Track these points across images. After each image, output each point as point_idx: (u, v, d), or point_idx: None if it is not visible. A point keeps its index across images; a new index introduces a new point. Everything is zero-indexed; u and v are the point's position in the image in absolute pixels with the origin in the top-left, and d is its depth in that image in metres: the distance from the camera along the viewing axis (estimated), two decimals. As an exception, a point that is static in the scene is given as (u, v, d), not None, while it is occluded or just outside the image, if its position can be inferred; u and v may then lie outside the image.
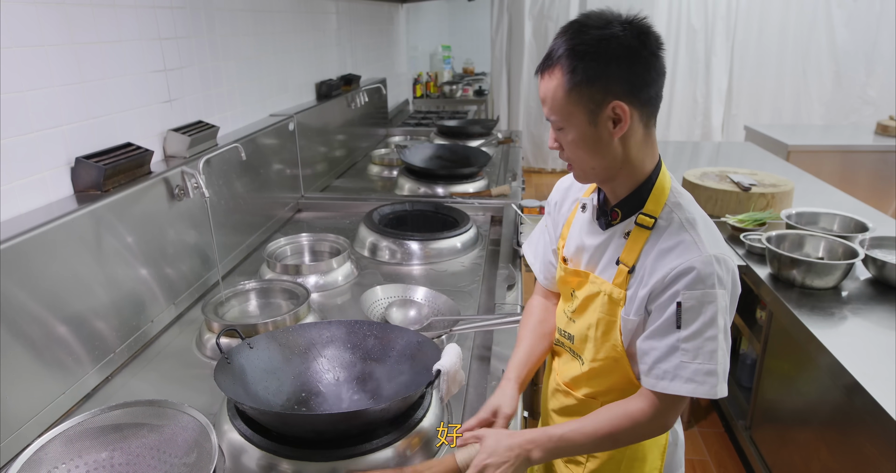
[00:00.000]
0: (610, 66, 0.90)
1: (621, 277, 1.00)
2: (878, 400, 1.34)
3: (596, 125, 0.93)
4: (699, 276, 0.91)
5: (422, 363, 1.13)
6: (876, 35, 5.47)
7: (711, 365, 0.92)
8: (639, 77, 0.92)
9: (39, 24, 1.19)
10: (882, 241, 2.01)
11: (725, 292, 0.93)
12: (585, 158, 0.97)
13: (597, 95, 0.91)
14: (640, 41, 0.90)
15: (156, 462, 0.96)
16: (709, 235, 0.96)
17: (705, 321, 0.92)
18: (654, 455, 1.14)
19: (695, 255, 0.92)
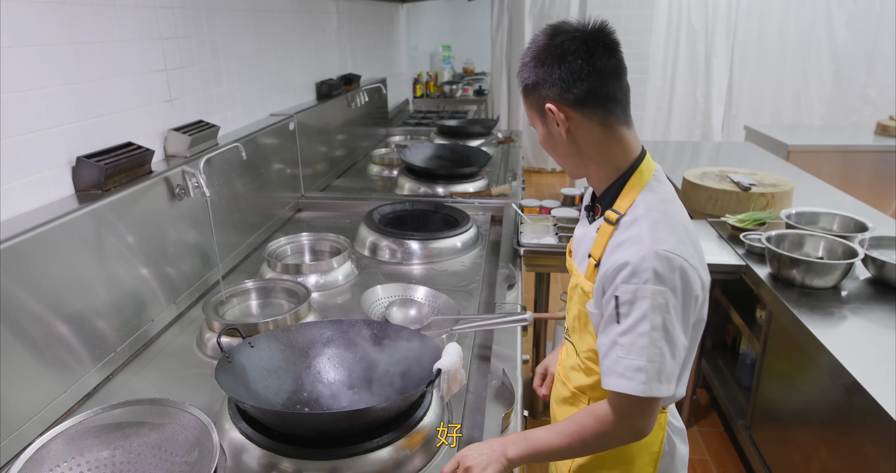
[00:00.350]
0: (542, 70, 0.98)
1: (590, 270, 1.03)
2: (877, 400, 1.34)
3: (547, 125, 1.02)
4: (633, 270, 0.92)
5: (422, 362, 1.13)
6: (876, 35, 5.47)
7: (641, 361, 0.92)
8: (566, 79, 0.96)
9: (41, 24, 1.19)
10: (882, 241, 2.02)
11: (666, 290, 0.91)
12: (552, 154, 1.06)
13: (539, 99, 1.00)
14: (577, 45, 0.96)
15: (157, 460, 0.97)
16: (660, 231, 0.95)
17: (638, 316, 0.92)
18: (643, 460, 1.13)
19: (635, 249, 0.93)
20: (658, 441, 1.13)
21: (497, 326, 1.40)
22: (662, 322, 0.92)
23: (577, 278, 1.08)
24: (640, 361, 0.92)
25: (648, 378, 0.91)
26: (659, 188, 1.02)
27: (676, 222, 0.98)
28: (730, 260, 2.09)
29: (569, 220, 2.34)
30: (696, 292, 0.95)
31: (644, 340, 0.92)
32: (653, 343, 0.91)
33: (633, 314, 0.92)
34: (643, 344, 0.92)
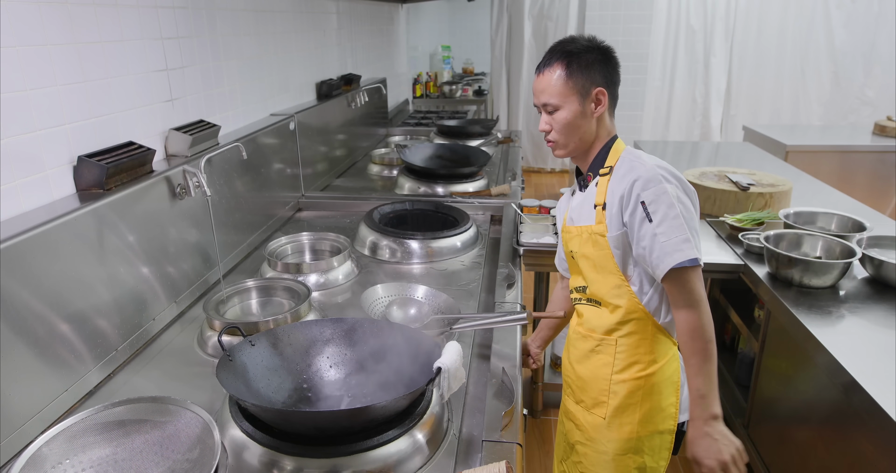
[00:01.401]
0: (594, 64, 1.28)
1: (599, 215, 1.29)
2: (875, 399, 1.35)
3: (583, 105, 1.29)
4: (648, 179, 1.21)
5: (422, 360, 1.14)
6: (874, 36, 5.48)
7: (685, 234, 1.18)
8: (610, 75, 1.31)
9: (42, 24, 1.19)
10: (879, 240, 2.02)
11: (676, 186, 1.22)
12: (571, 133, 1.31)
13: (586, 83, 1.28)
14: (609, 55, 1.31)
15: (158, 457, 0.97)
16: (651, 160, 1.26)
17: (665, 208, 1.19)
18: (669, 390, 1.33)
19: (640, 169, 1.23)
20: (677, 372, 1.34)
21: (497, 325, 1.40)
22: (681, 210, 1.20)
23: (588, 230, 1.32)
24: (683, 235, 1.18)
25: (695, 245, 1.19)
26: (633, 150, 1.31)
27: (657, 159, 1.28)
28: (728, 260, 2.10)
29: (568, 220, 2.35)
30: (691, 190, 1.25)
31: (678, 221, 1.19)
32: (685, 222, 1.19)
33: (660, 209, 1.19)
34: (678, 224, 1.18)
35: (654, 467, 1.36)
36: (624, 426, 1.35)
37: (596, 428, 1.38)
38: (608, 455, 1.37)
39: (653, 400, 1.33)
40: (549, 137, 1.33)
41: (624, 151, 1.31)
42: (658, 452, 1.35)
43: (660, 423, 1.34)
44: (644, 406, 1.33)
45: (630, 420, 1.34)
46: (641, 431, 1.34)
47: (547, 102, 1.29)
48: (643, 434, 1.34)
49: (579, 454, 1.44)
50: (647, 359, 1.32)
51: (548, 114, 1.31)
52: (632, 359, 1.33)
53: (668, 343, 1.33)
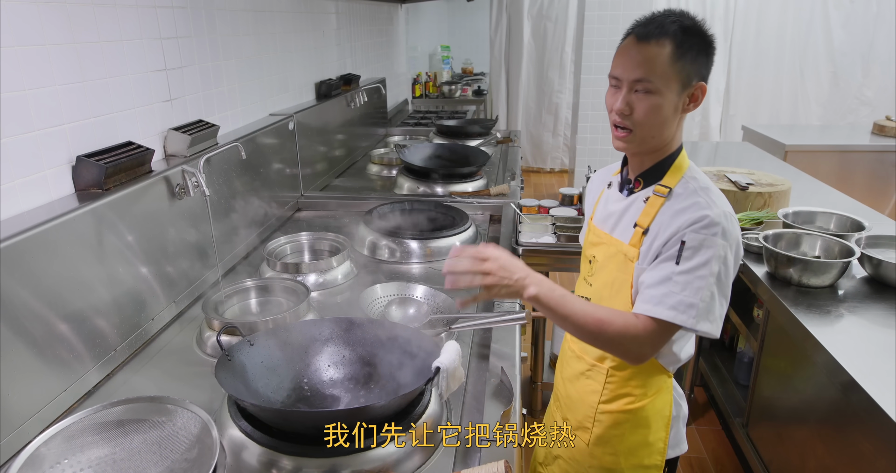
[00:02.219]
0: (702, 52, 1.07)
1: (636, 237, 1.14)
2: (874, 398, 1.35)
3: (680, 96, 1.08)
4: (709, 222, 1.04)
5: (421, 360, 1.14)
6: (873, 36, 5.48)
7: (695, 300, 1.03)
8: (710, 69, 1.10)
9: (41, 24, 1.19)
10: (878, 240, 2.02)
11: (727, 245, 1.04)
12: (656, 125, 1.09)
13: (691, 73, 1.07)
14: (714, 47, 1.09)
15: (157, 457, 0.97)
16: (721, 200, 1.10)
17: (701, 261, 1.03)
18: (658, 424, 1.24)
19: (707, 210, 1.05)
20: (668, 406, 1.25)
21: (495, 324, 1.40)
22: (719, 271, 1.04)
23: (618, 246, 1.17)
24: (694, 299, 1.03)
25: (699, 314, 1.03)
26: (696, 170, 1.16)
27: (726, 199, 1.12)
28: (727, 259, 2.10)
29: (567, 219, 2.35)
30: (741, 253, 1.10)
31: (702, 282, 1.03)
32: (708, 286, 1.03)
33: (695, 258, 1.03)
34: (700, 285, 1.03)
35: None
36: (606, 455, 1.27)
37: (578, 452, 1.31)
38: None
39: (639, 434, 1.24)
40: (623, 120, 1.09)
41: (688, 171, 1.13)
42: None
43: (645, 457, 1.25)
44: (629, 439, 1.25)
45: (612, 450, 1.26)
46: (624, 463, 1.26)
47: (643, 78, 1.05)
48: (626, 466, 1.26)
49: (560, 468, 1.38)
50: (638, 392, 1.23)
51: (636, 92, 1.07)
52: (621, 391, 1.24)
53: (663, 377, 1.24)
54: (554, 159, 6.68)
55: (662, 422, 1.24)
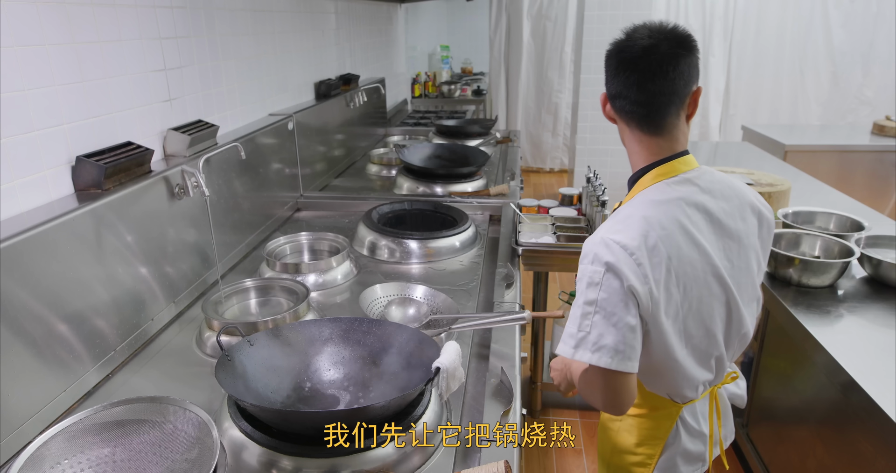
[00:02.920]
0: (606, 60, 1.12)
1: None
2: (874, 398, 1.35)
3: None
4: (584, 253, 1.06)
5: (421, 360, 1.14)
6: (873, 36, 5.49)
7: (573, 329, 1.04)
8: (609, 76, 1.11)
9: (40, 24, 1.19)
10: (878, 240, 2.03)
11: (596, 270, 1.02)
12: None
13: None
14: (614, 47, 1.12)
15: (157, 457, 0.97)
16: (620, 223, 1.05)
17: (580, 290, 1.04)
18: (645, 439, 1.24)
19: (592, 237, 1.06)
20: (664, 430, 1.22)
21: (495, 325, 1.40)
22: (597, 298, 1.01)
23: None
24: (572, 328, 1.03)
25: (577, 344, 1.02)
26: (663, 190, 1.08)
27: (640, 219, 1.04)
28: (727, 259, 2.10)
29: (567, 219, 2.35)
30: (631, 281, 0.99)
31: (578, 311, 1.03)
32: (584, 315, 1.02)
33: (578, 289, 1.05)
34: (577, 314, 1.03)
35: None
36: (604, 442, 1.34)
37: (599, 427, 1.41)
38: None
39: (627, 438, 1.26)
40: None
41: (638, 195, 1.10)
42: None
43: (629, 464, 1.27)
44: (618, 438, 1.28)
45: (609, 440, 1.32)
46: (614, 459, 1.30)
47: None
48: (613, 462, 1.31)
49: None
50: (639, 403, 1.24)
51: None
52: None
53: (666, 403, 1.21)
54: (553, 159, 6.68)
55: (651, 441, 1.24)
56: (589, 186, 2.35)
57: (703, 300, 1.08)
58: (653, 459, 1.24)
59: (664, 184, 1.09)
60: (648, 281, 1.01)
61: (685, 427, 1.23)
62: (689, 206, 1.07)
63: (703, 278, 1.07)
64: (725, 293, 1.10)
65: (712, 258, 1.07)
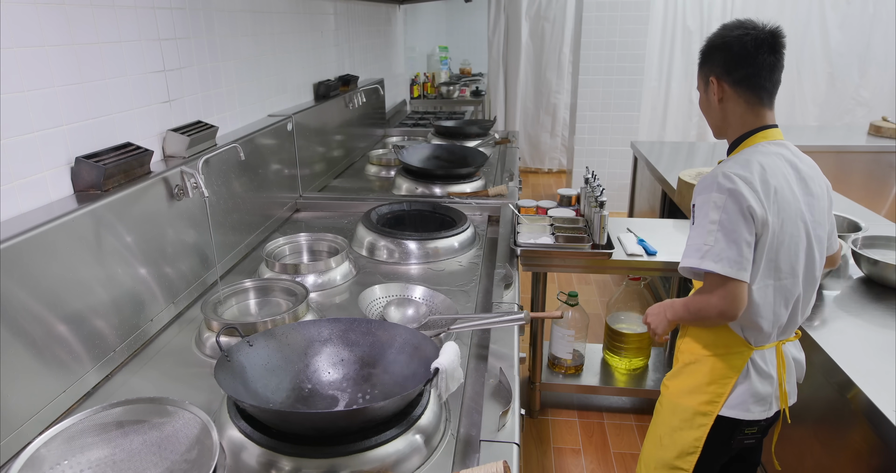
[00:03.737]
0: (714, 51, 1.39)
1: None
2: (871, 398, 1.36)
3: (706, 92, 1.42)
4: (704, 185, 1.29)
5: (420, 361, 1.14)
6: (869, 37, 5.50)
7: (699, 243, 1.27)
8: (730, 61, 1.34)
9: (40, 25, 1.20)
10: (875, 240, 2.03)
11: (721, 196, 1.26)
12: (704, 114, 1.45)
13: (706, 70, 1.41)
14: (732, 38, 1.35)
15: (157, 458, 0.97)
16: (734, 162, 1.30)
17: (702, 214, 1.28)
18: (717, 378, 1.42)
19: (706, 177, 1.30)
20: (735, 369, 1.41)
21: (494, 325, 1.40)
22: (720, 219, 1.25)
23: None
24: (698, 242, 1.27)
25: (702, 255, 1.26)
26: (767, 147, 1.35)
27: (755, 161, 1.30)
28: (725, 260, 2.10)
29: (565, 220, 2.35)
30: (750, 202, 1.25)
31: (703, 229, 1.27)
32: (709, 232, 1.25)
33: (699, 214, 1.29)
34: (702, 232, 1.27)
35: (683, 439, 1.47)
36: (676, 386, 1.50)
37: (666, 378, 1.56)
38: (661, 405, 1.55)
39: (698, 378, 1.44)
40: None
41: (741, 152, 1.36)
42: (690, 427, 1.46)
43: (699, 399, 1.44)
44: (694, 378, 1.45)
45: (680, 383, 1.48)
46: (685, 400, 1.46)
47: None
48: (683, 402, 1.46)
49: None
50: (710, 342, 1.43)
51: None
52: (706, 340, 1.44)
53: (738, 343, 1.40)
54: (552, 160, 6.69)
55: (723, 380, 1.41)
56: (587, 186, 2.36)
57: (792, 237, 1.31)
58: (721, 397, 1.41)
59: (767, 143, 1.36)
60: (762, 205, 1.26)
61: (755, 367, 1.41)
62: (786, 162, 1.35)
63: (794, 218, 1.31)
64: (807, 238, 1.33)
65: (801, 205, 1.33)
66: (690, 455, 1.47)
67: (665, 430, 1.52)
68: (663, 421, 1.53)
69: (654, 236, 2.37)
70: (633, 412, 2.70)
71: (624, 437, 2.55)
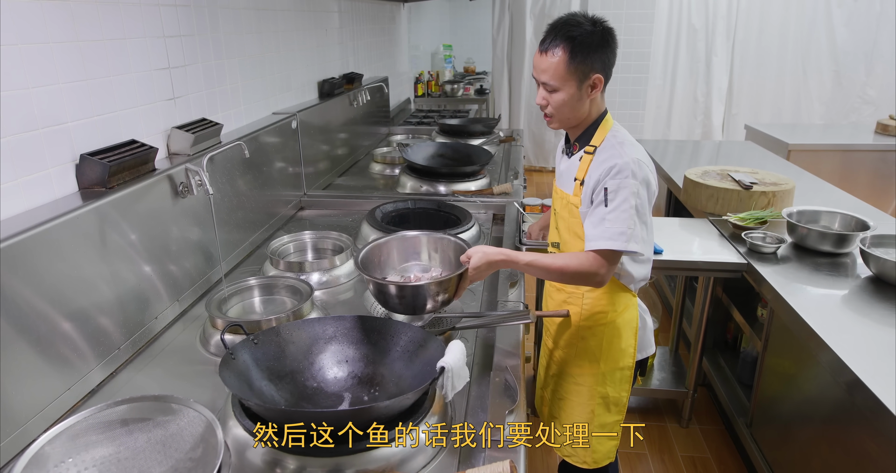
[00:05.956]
0: (596, 50, 1.34)
1: (577, 188, 1.44)
2: (879, 397, 1.34)
3: (580, 89, 1.38)
4: (618, 170, 1.34)
5: (425, 359, 1.13)
6: (876, 35, 5.47)
7: (623, 228, 1.33)
8: (609, 59, 1.38)
9: (45, 22, 1.19)
10: (883, 239, 2.02)
11: (637, 183, 1.34)
12: (565, 111, 1.41)
13: (585, 69, 1.35)
14: (610, 37, 1.37)
15: (161, 456, 0.97)
16: (631, 148, 1.38)
17: (621, 199, 1.33)
18: (627, 333, 1.55)
19: (618, 158, 1.35)
20: (635, 319, 1.56)
21: (499, 324, 1.40)
22: (636, 204, 1.34)
23: (567, 198, 1.48)
24: (622, 227, 1.33)
25: (628, 239, 1.33)
26: (618, 129, 1.46)
27: (638, 146, 1.42)
28: (731, 258, 2.09)
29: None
30: (654, 188, 1.40)
31: (625, 214, 1.33)
32: (630, 217, 1.33)
33: (617, 198, 1.34)
34: (624, 217, 1.33)
35: (616, 397, 1.59)
36: (589, 364, 1.57)
37: (568, 364, 1.62)
38: (578, 385, 1.61)
39: (614, 343, 1.54)
40: (545, 110, 1.45)
41: (610, 131, 1.44)
42: (619, 384, 1.59)
43: (620, 361, 1.56)
44: (605, 347, 1.55)
45: (594, 358, 1.56)
46: (605, 367, 1.56)
47: (546, 82, 1.38)
48: (606, 370, 1.57)
49: (556, 383, 1.69)
50: (608, 309, 1.52)
51: (546, 91, 1.40)
52: (595, 309, 1.54)
53: (628, 295, 1.54)
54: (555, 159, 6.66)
55: (631, 331, 1.55)
56: (592, 185, 2.35)
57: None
58: (634, 347, 1.56)
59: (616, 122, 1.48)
60: (656, 182, 1.40)
61: (642, 308, 1.59)
62: None
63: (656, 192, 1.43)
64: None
65: None
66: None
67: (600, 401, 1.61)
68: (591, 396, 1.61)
69: (659, 234, 2.35)
70: (638, 412, 2.69)
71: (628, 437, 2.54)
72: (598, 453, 1.65)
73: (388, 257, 1.56)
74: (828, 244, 2.07)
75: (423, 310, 1.36)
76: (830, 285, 1.89)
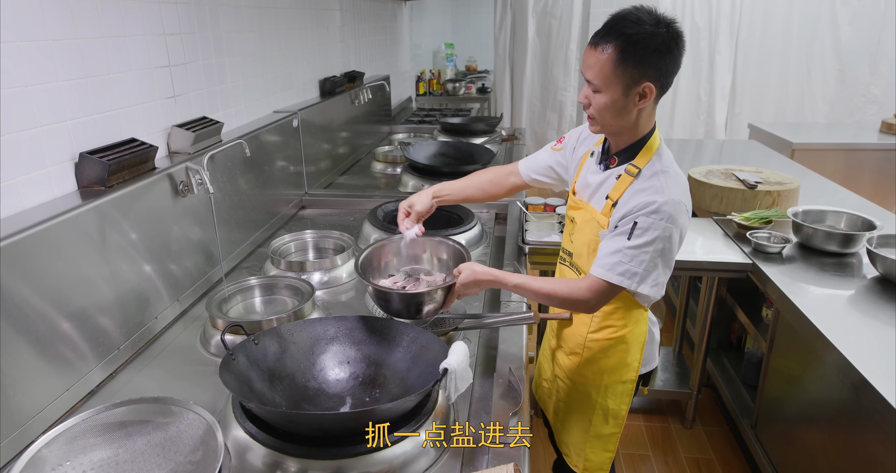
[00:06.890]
0: (652, 55, 1.17)
1: (607, 208, 1.32)
2: (886, 398, 1.33)
3: (626, 96, 1.22)
4: (656, 208, 1.21)
5: (428, 360, 1.12)
6: (880, 33, 5.44)
7: (639, 269, 1.24)
8: (667, 67, 1.21)
9: (44, 19, 1.18)
10: (889, 239, 2.00)
11: (672, 227, 1.23)
12: (608, 117, 1.26)
13: (636, 75, 1.19)
14: (674, 42, 1.19)
15: (161, 459, 0.96)
16: (676, 185, 1.25)
17: (648, 239, 1.22)
18: (634, 348, 1.48)
19: (658, 196, 1.22)
20: (644, 334, 1.48)
21: (502, 324, 1.39)
22: (663, 248, 1.24)
23: (593, 214, 1.37)
24: (638, 269, 1.24)
25: (640, 280, 1.25)
26: (665, 153, 1.33)
27: (683, 180, 1.29)
28: (736, 258, 2.08)
29: (573, 218, 2.32)
30: (686, 232, 1.29)
31: (646, 256, 1.23)
32: (651, 259, 1.24)
33: (644, 237, 1.22)
34: (643, 259, 1.23)
35: (615, 409, 1.54)
36: (594, 374, 1.51)
37: (570, 371, 1.55)
38: (578, 393, 1.56)
39: (619, 356, 1.48)
40: (587, 111, 1.29)
41: (655, 154, 1.29)
42: (620, 397, 1.53)
43: (623, 374, 1.50)
44: (611, 360, 1.48)
45: (598, 370, 1.50)
46: (607, 379, 1.50)
47: (590, 80, 1.24)
48: (609, 382, 1.51)
49: (557, 385, 1.62)
50: (619, 324, 1.45)
51: (590, 90, 1.25)
52: (606, 323, 1.45)
53: (640, 311, 1.45)
54: (558, 158, 6.64)
55: (638, 346, 1.48)
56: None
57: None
58: (639, 361, 1.50)
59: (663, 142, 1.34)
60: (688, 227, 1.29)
61: (651, 322, 1.52)
62: None
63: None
64: None
65: None
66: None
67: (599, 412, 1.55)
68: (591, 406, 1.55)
69: (663, 234, 2.34)
70: (641, 413, 2.68)
71: (632, 438, 2.52)
72: (591, 462, 1.60)
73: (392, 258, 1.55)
74: (834, 244, 2.05)
75: (412, 316, 1.34)
76: (836, 285, 1.87)
